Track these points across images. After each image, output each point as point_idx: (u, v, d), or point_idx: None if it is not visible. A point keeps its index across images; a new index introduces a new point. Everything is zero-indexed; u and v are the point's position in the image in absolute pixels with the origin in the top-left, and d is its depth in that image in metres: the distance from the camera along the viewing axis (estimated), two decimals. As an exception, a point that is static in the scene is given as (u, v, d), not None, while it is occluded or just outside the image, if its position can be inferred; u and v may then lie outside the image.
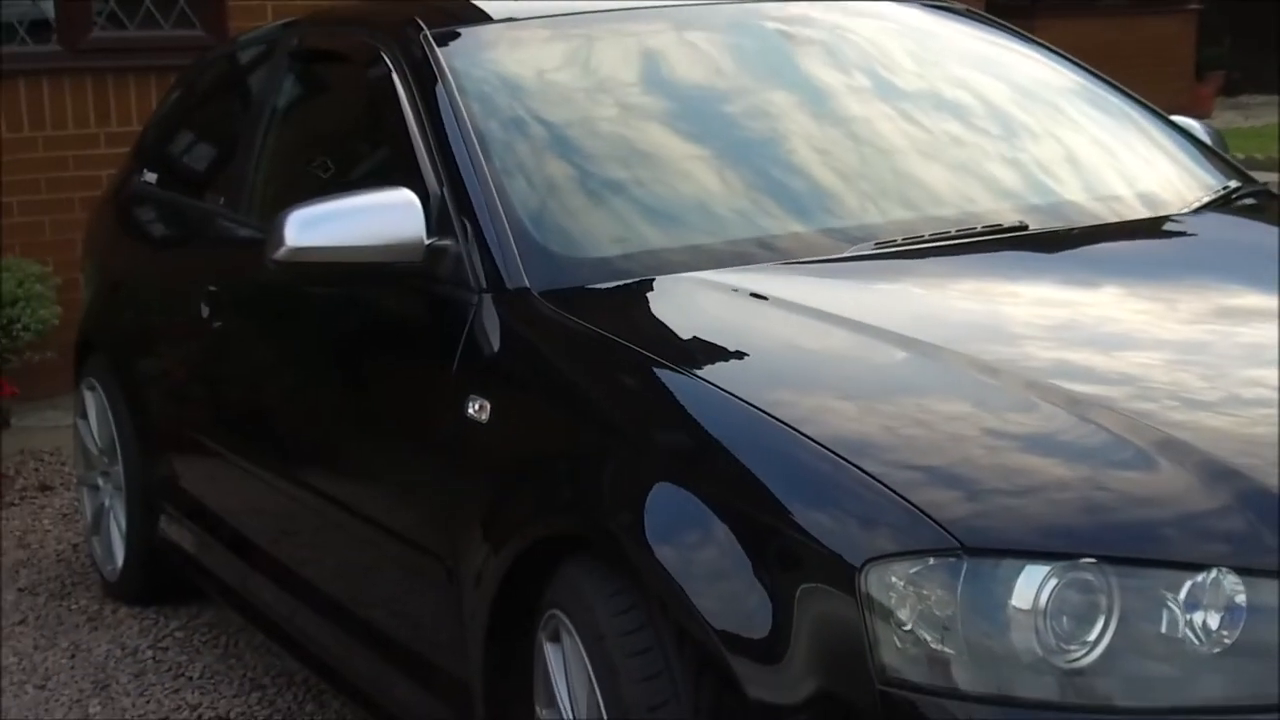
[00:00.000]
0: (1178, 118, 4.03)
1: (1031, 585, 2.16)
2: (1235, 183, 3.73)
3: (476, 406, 2.98)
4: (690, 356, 2.82)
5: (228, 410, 4.33)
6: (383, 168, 3.77)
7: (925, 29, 4.14)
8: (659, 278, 3.11)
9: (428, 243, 3.18)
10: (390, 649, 3.46)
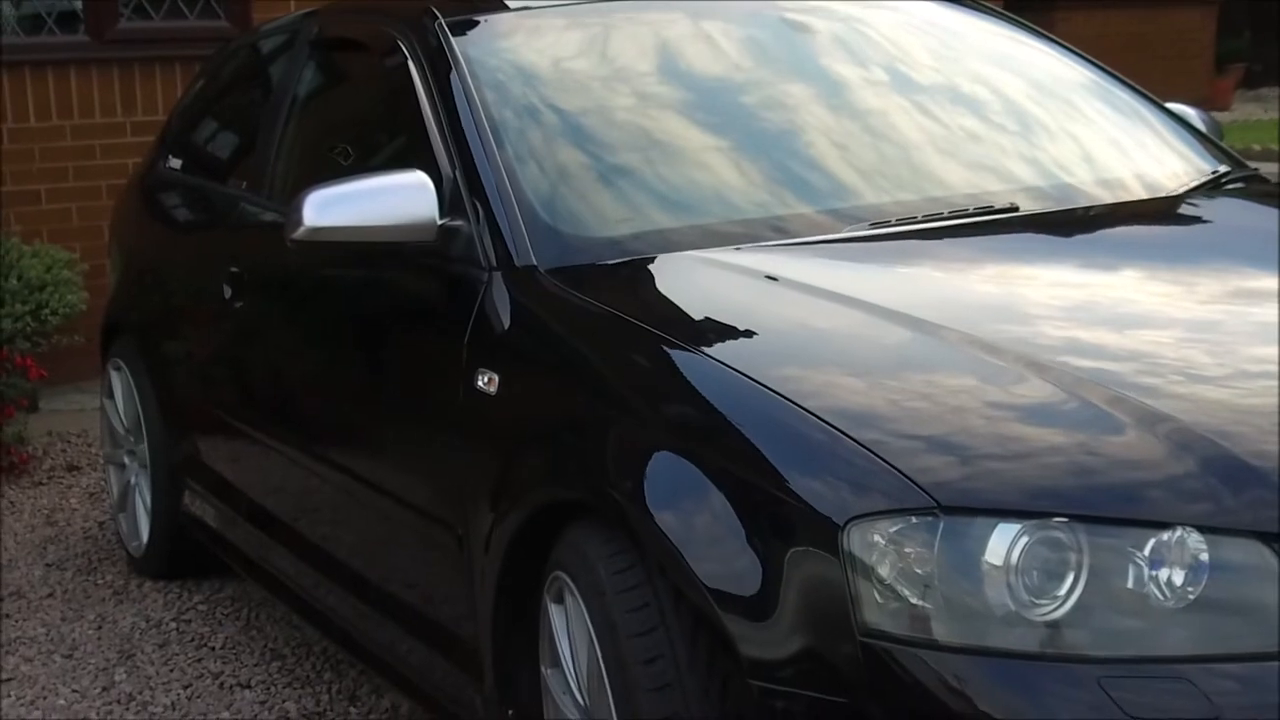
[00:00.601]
0: (1173, 105, 4.14)
1: (1004, 542, 2.26)
2: (1225, 167, 3.84)
3: (485, 379, 3.09)
4: (689, 330, 2.93)
5: (249, 388, 4.45)
6: (398, 152, 3.88)
7: (925, 17, 4.24)
8: (661, 255, 3.21)
9: (440, 223, 3.30)
10: (407, 617, 3.56)
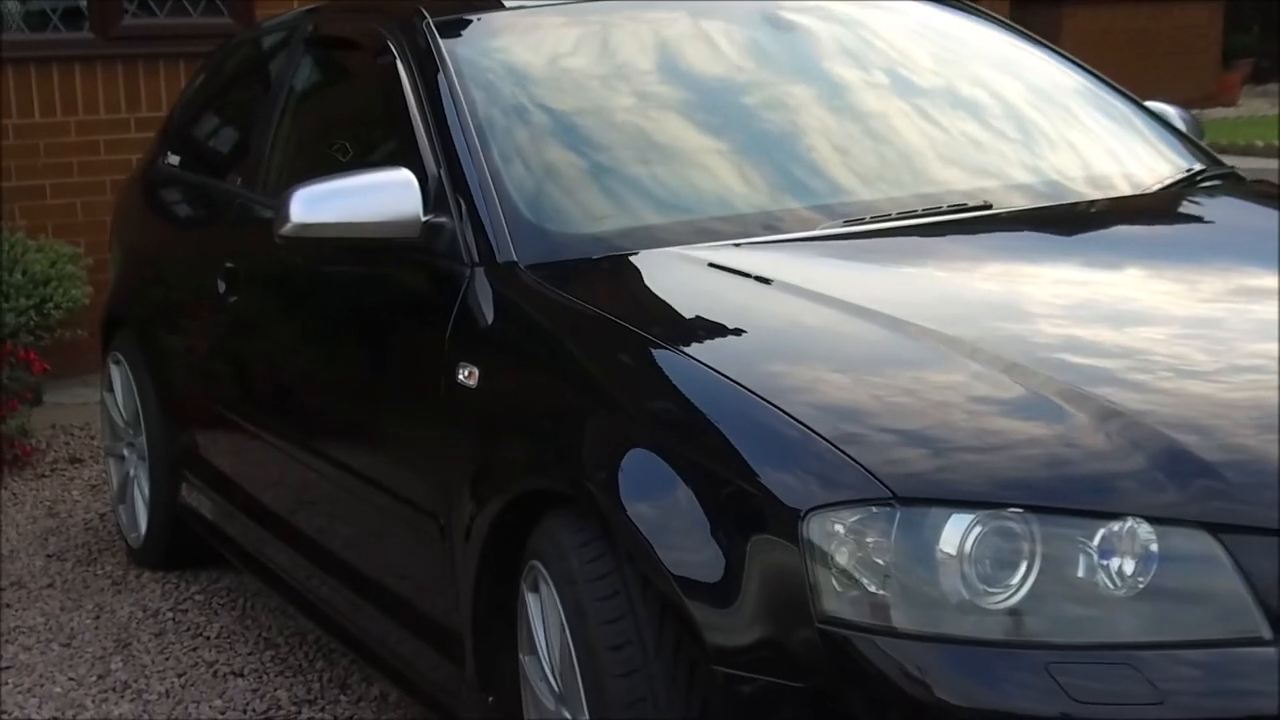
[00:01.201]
0: (1152, 104, 4.19)
1: (958, 532, 2.32)
2: (1200, 165, 3.90)
3: (466, 373, 3.16)
4: (664, 326, 2.99)
5: (242, 382, 4.51)
6: (388, 150, 3.94)
7: (907, 15, 4.29)
8: (639, 253, 3.27)
9: (425, 219, 3.36)
10: (397, 609, 3.62)
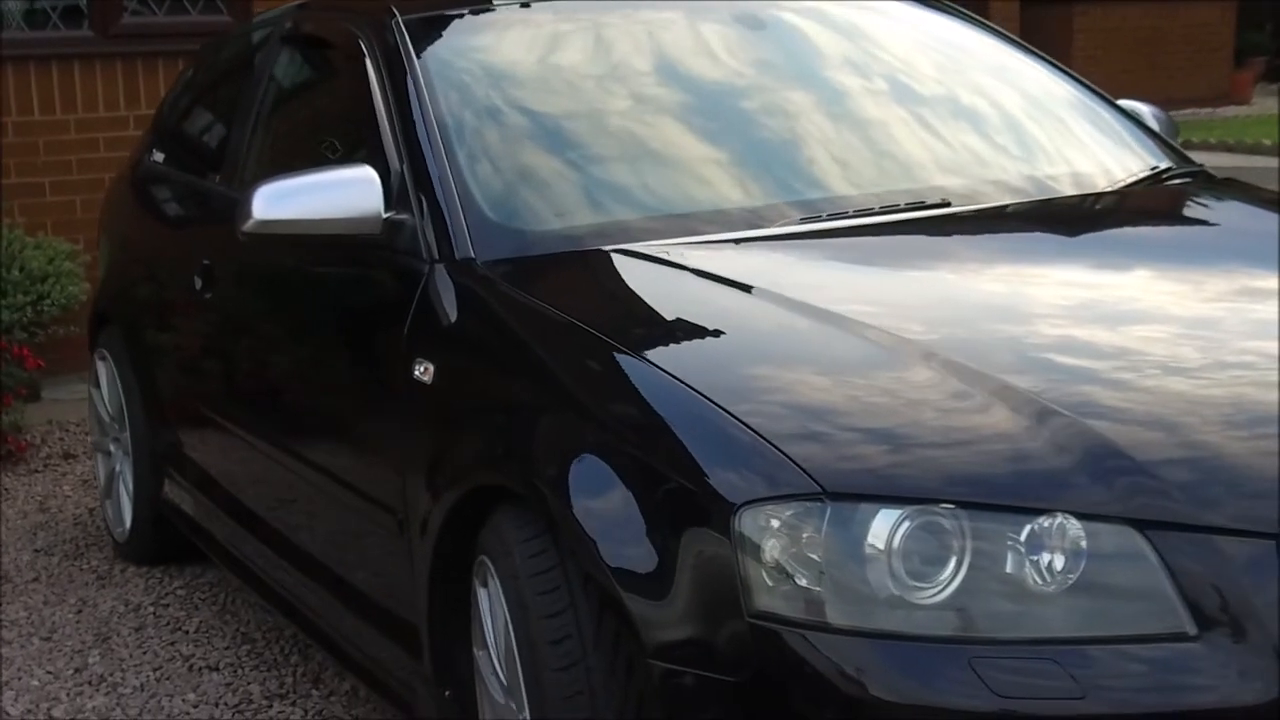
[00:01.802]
0: (1125, 102, 4.19)
1: (886, 527, 2.33)
2: (1167, 163, 3.90)
3: (422, 369, 3.17)
4: (615, 325, 2.99)
5: (218, 378, 4.54)
6: (355, 147, 3.95)
7: (881, 13, 4.31)
8: (599, 251, 3.28)
9: (385, 216, 3.38)
10: (362, 604, 3.64)
